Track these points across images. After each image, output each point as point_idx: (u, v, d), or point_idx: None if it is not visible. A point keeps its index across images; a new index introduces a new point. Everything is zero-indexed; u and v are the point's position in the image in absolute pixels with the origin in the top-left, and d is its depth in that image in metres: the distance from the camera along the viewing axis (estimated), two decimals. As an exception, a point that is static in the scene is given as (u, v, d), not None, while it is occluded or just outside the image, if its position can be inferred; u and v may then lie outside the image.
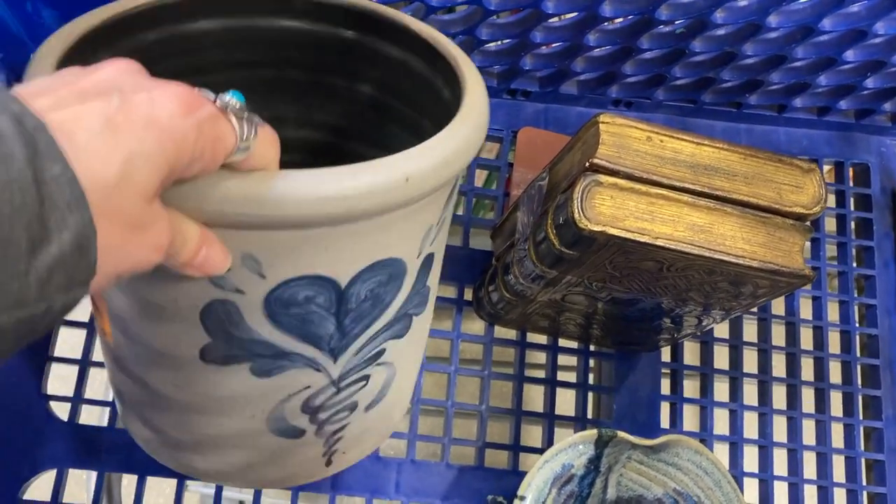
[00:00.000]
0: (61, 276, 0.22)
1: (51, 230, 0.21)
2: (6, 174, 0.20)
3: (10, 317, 0.21)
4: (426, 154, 0.31)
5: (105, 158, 0.23)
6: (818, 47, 0.59)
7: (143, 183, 0.24)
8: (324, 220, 0.29)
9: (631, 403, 0.61)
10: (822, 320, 0.66)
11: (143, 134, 0.24)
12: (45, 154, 0.21)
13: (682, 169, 0.44)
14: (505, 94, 0.66)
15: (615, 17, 0.55)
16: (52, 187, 0.21)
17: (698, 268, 0.44)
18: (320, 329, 0.34)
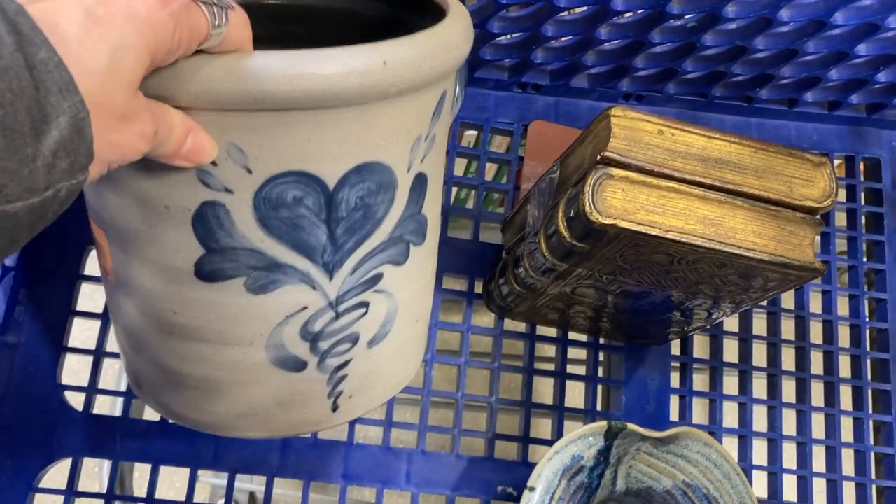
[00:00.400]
0: (64, 161, 0.23)
1: (48, 114, 0.22)
2: (1, 60, 0.21)
3: (24, 204, 0.22)
4: (405, 43, 0.32)
5: (91, 49, 0.24)
6: (830, 41, 0.59)
7: (127, 72, 0.25)
8: (303, 98, 0.30)
9: (640, 396, 0.61)
10: (832, 314, 0.66)
11: (125, 26, 0.25)
12: (29, 39, 0.22)
13: (692, 162, 0.44)
14: (516, 87, 0.66)
15: (626, 11, 0.55)
16: (42, 72, 0.22)
17: (709, 261, 0.45)
18: (311, 238, 0.34)
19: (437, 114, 0.37)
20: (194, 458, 0.55)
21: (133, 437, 0.55)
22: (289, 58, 0.30)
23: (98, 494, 0.54)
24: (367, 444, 0.57)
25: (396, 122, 0.34)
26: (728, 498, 0.53)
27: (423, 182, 0.38)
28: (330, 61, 0.30)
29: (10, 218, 0.22)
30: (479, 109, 0.66)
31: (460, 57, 0.36)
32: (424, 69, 0.33)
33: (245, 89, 0.29)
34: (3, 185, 0.22)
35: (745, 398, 0.63)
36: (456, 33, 0.35)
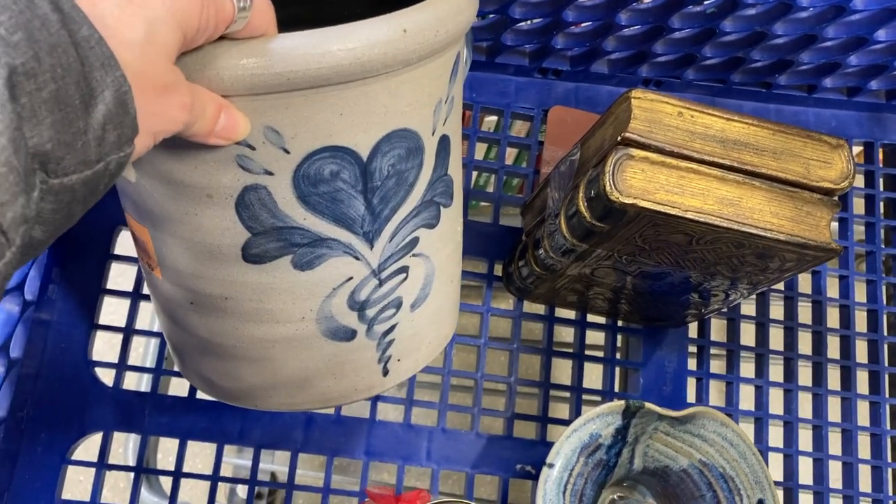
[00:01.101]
0: (112, 133, 0.24)
1: (94, 88, 0.23)
2: (49, 36, 0.22)
3: (79, 177, 0.24)
4: (420, 10, 0.34)
5: (127, 24, 0.25)
6: (849, 26, 0.59)
7: (163, 44, 0.26)
8: (332, 75, 0.31)
9: (657, 378, 0.62)
10: (850, 299, 0.66)
11: (157, 2, 0.26)
12: (71, 17, 0.22)
13: (711, 144, 0.45)
14: (536, 73, 0.67)
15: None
16: (85, 49, 0.23)
17: (727, 241, 0.45)
18: (351, 209, 0.36)
19: (453, 75, 0.38)
20: (220, 434, 0.56)
21: (161, 412, 0.56)
22: (314, 37, 0.31)
23: (128, 467, 0.56)
24: (389, 422, 0.58)
25: (419, 88, 0.36)
26: (744, 477, 0.54)
27: (446, 144, 0.40)
28: (354, 35, 0.31)
29: (67, 191, 0.23)
30: (500, 95, 0.67)
31: (470, 17, 0.37)
32: (441, 33, 0.34)
33: (276, 72, 0.31)
34: (60, 157, 0.23)
35: (762, 381, 0.64)
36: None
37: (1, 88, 0.20)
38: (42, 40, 0.21)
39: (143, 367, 0.59)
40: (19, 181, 0.21)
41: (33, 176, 0.22)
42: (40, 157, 0.22)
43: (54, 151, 0.22)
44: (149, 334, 0.59)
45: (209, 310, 0.39)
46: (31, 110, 0.21)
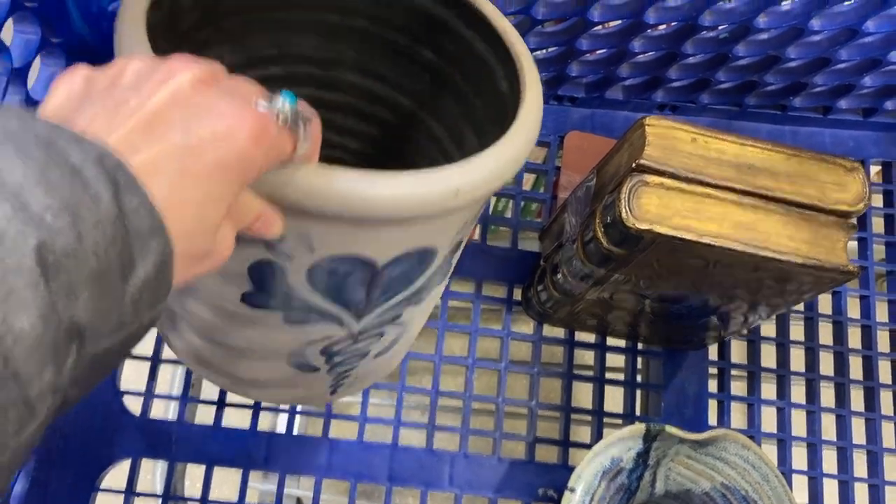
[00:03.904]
0: (148, 296, 0.24)
1: (135, 257, 0.23)
2: (98, 213, 0.22)
3: (116, 338, 0.24)
4: (477, 168, 0.34)
5: (179, 206, 0.25)
6: (862, 49, 0.60)
7: (211, 222, 0.26)
8: (375, 220, 0.32)
9: (678, 401, 0.62)
10: (871, 319, 0.66)
11: (214, 179, 0.26)
12: (125, 189, 0.23)
13: (726, 169, 0.46)
14: (552, 100, 0.67)
15: (659, 24, 0.56)
16: (133, 218, 0.23)
17: (743, 264, 0.46)
18: (352, 296, 0.37)
19: (485, 203, 0.39)
20: (246, 460, 0.57)
21: (188, 439, 0.57)
22: (368, 180, 0.31)
23: (156, 495, 0.56)
24: (412, 447, 0.58)
25: (454, 222, 0.37)
26: (767, 500, 0.54)
27: (459, 245, 0.41)
28: (406, 190, 0.31)
29: (105, 354, 0.24)
30: (517, 122, 0.68)
31: (525, 159, 0.37)
32: (492, 187, 0.34)
33: (327, 207, 0.31)
34: (97, 327, 0.22)
35: (784, 402, 0.64)
36: (527, 145, 0.36)
37: (28, 262, 0.20)
38: (88, 218, 0.21)
39: (170, 395, 0.60)
40: (50, 355, 0.21)
41: (67, 347, 0.22)
42: (75, 329, 0.22)
43: (90, 324, 0.22)
44: (175, 363, 0.60)
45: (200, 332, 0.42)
46: (67, 287, 0.21)
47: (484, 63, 0.44)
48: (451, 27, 0.45)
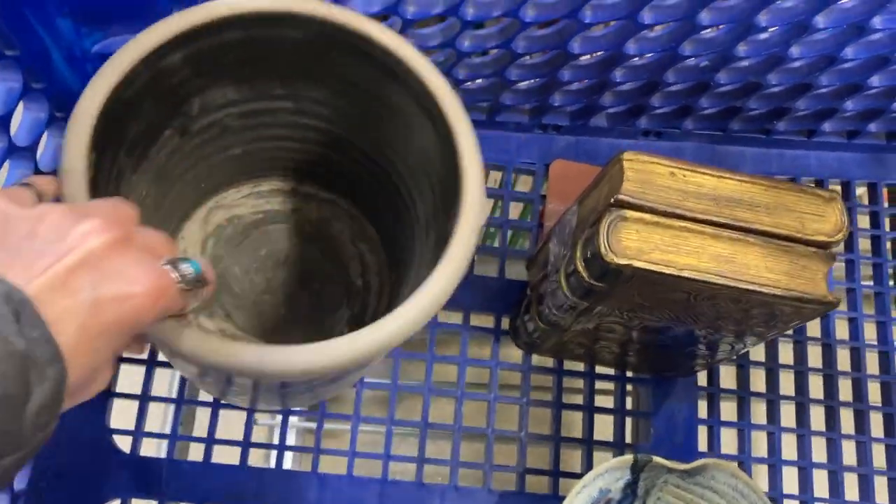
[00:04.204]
0: (43, 418, 0.26)
1: (33, 384, 0.25)
2: (6, 346, 0.24)
3: (13, 458, 0.26)
4: (384, 333, 0.37)
5: (74, 350, 0.27)
6: (842, 74, 0.60)
7: (100, 363, 0.30)
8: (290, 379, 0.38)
9: (668, 428, 0.62)
10: (860, 341, 0.66)
11: (111, 332, 0.29)
12: (28, 322, 0.25)
13: (704, 202, 0.46)
14: (537, 129, 0.68)
15: (640, 55, 0.57)
16: (34, 348, 0.25)
17: (724, 297, 0.46)
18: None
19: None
20: (237, 496, 0.57)
21: (179, 476, 0.57)
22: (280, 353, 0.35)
23: (146, 533, 0.56)
24: (402, 481, 0.58)
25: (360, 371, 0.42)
26: (757, 528, 0.54)
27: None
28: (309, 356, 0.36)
29: (2, 469, 0.26)
30: (502, 151, 0.68)
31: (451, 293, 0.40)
32: (395, 345, 0.38)
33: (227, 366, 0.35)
34: (1, 447, 0.25)
35: (774, 427, 0.64)
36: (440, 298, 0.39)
37: None
38: (1, 350, 0.24)
39: (160, 433, 0.60)
40: None
41: None
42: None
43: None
44: (165, 400, 0.60)
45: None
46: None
47: (424, 127, 0.46)
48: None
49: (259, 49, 0.45)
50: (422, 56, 0.43)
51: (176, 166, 0.50)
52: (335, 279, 0.58)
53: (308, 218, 0.58)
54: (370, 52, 0.44)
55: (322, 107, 0.51)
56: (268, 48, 0.45)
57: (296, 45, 0.45)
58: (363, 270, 0.58)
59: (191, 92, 0.46)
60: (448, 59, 0.58)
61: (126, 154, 0.44)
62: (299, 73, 0.48)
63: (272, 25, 0.44)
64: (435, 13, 0.52)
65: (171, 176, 0.50)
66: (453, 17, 0.53)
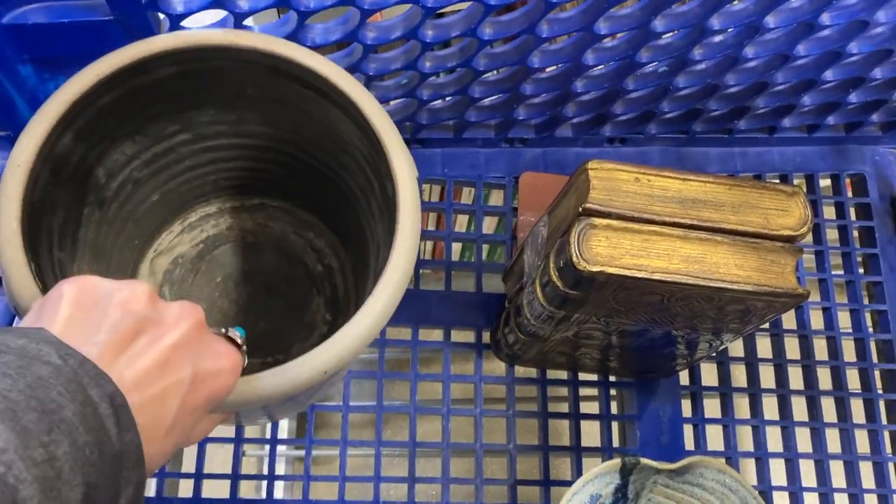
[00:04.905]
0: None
1: (122, 486, 0.27)
2: (112, 449, 0.26)
3: None
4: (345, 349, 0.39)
5: (159, 448, 0.30)
6: (797, 71, 0.61)
7: (189, 432, 0.33)
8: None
9: (654, 429, 0.63)
10: (835, 330, 0.67)
11: (195, 427, 0.33)
12: (124, 426, 0.27)
13: (671, 205, 0.47)
14: (504, 143, 0.69)
15: (598, 64, 0.58)
16: (126, 452, 0.27)
17: (696, 296, 0.47)
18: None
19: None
20: (229, 531, 0.57)
21: (169, 515, 0.57)
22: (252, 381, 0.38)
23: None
24: (394, 502, 0.58)
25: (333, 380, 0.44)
26: (748, 522, 0.54)
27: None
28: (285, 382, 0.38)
29: None
30: (471, 167, 0.69)
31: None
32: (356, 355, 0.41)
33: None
34: None
35: (757, 421, 0.64)
36: (382, 319, 0.41)
37: (76, 496, 0.24)
38: (106, 456, 0.25)
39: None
40: None
41: None
42: None
43: None
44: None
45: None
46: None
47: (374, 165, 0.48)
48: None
49: (156, 90, 0.47)
50: (342, 72, 0.45)
51: (107, 237, 0.51)
52: (296, 274, 0.59)
53: (246, 229, 0.60)
54: (289, 71, 0.46)
55: (225, 125, 0.52)
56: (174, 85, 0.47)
57: (187, 76, 0.47)
58: (318, 256, 0.59)
59: (92, 164, 0.47)
60: (411, 81, 0.59)
61: (59, 248, 0.45)
62: (195, 102, 0.50)
63: (198, 60, 0.46)
64: (394, 38, 0.53)
65: (105, 247, 0.51)
66: (413, 40, 0.54)
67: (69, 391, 0.25)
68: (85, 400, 0.25)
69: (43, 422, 0.24)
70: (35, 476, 0.22)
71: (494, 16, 0.52)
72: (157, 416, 0.29)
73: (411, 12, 0.51)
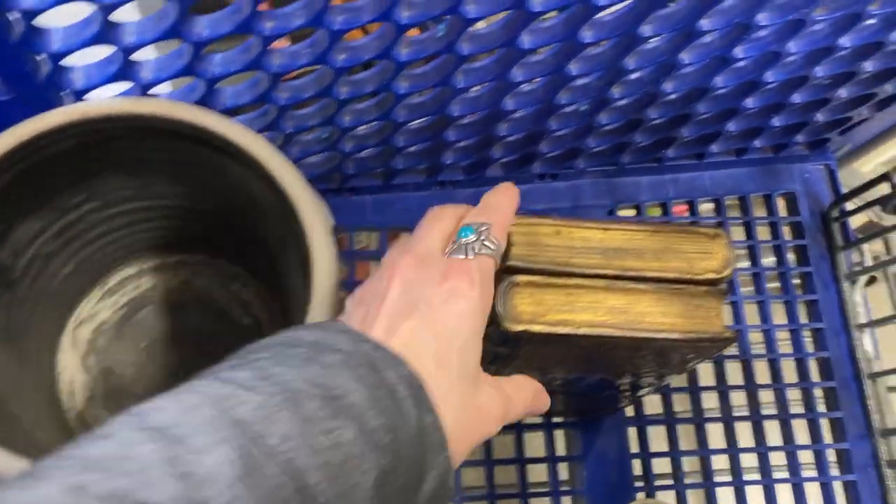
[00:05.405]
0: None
1: (426, 470, 0.26)
2: (409, 432, 0.25)
3: None
4: None
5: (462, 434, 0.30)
6: (717, 101, 0.61)
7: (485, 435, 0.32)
8: None
9: (601, 467, 0.63)
10: (775, 353, 0.68)
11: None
12: (424, 408, 0.27)
13: (593, 256, 0.46)
14: (434, 185, 0.68)
15: (518, 109, 0.57)
16: (427, 434, 0.26)
17: (625, 346, 0.46)
18: None
19: None
20: None
21: None
22: None
23: None
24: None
25: None
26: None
27: None
28: None
29: None
30: (404, 212, 0.68)
31: None
32: None
33: None
34: None
35: (703, 450, 0.64)
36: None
37: (368, 481, 0.24)
38: (403, 439, 0.25)
39: None
40: None
41: None
42: None
43: None
44: None
45: None
46: (385, 500, 0.25)
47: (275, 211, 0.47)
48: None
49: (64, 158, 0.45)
50: (246, 131, 0.44)
51: (19, 317, 0.50)
52: (224, 330, 0.57)
53: (170, 287, 0.58)
54: (191, 135, 0.45)
55: (132, 190, 0.51)
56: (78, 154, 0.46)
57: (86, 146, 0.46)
58: (246, 308, 0.58)
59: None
60: (332, 135, 0.58)
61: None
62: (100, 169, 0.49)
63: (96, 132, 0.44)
64: (307, 97, 0.52)
65: (19, 327, 0.50)
66: (327, 98, 0.53)
67: (358, 376, 0.25)
68: (377, 383, 0.25)
69: (326, 408, 0.24)
70: (320, 463, 0.23)
71: (408, 69, 0.52)
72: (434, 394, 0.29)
73: (322, 72, 0.51)
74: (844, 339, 0.68)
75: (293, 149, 0.59)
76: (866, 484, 0.64)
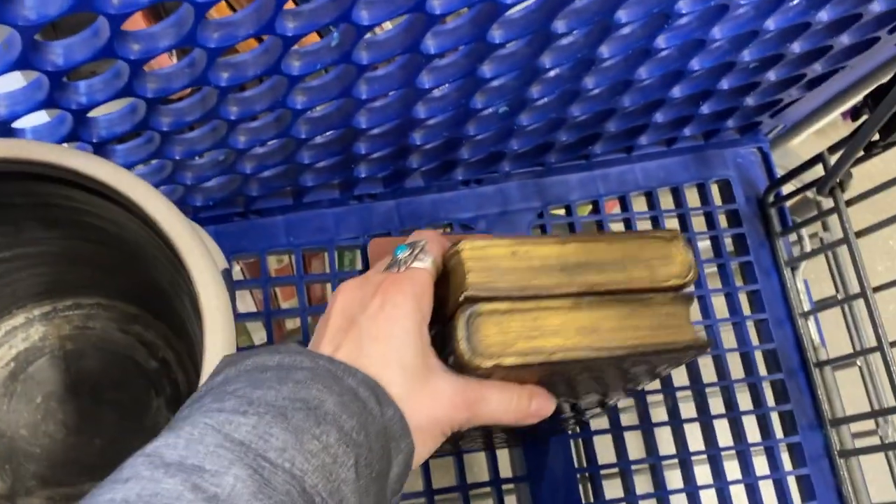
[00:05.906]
0: (397, 485, 0.31)
1: (393, 456, 0.30)
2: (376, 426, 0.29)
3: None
4: None
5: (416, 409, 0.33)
6: (643, 92, 0.58)
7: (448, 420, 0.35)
8: None
9: (549, 487, 0.59)
10: (720, 349, 0.65)
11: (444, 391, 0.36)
12: (384, 403, 0.30)
13: (554, 275, 0.41)
14: (352, 200, 0.62)
15: (431, 117, 0.52)
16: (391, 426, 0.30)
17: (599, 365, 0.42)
18: None
19: None
20: None
21: None
22: None
23: None
24: None
25: None
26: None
27: None
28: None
29: None
30: (320, 231, 0.62)
31: None
32: None
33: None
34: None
35: (653, 459, 0.61)
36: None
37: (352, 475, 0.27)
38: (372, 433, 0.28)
39: None
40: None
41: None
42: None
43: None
44: None
45: None
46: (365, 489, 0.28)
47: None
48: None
49: None
50: (117, 169, 0.40)
51: None
52: (126, 376, 0.53)
53: (63, 335, 0.53)
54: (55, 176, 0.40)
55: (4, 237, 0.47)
56: None
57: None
58: (150, 350, 0.53)
59: None
60: (228, 157, 0.51)
61: None
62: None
63: None
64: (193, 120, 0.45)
65: None
66: (216, 119, 0.46)
67: (326, 386, 0.28)
68: (342, 390, 0.29)
69: (310, 418, 0.27)
70: (315, 466, 0.26)
71: (304, 82, 0.45)
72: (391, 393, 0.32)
73: (206, 93, 0.44)
74: (790, 328, 0.66)
75: (186, 174, 0.52)
76: (819, 476, 0.63)
